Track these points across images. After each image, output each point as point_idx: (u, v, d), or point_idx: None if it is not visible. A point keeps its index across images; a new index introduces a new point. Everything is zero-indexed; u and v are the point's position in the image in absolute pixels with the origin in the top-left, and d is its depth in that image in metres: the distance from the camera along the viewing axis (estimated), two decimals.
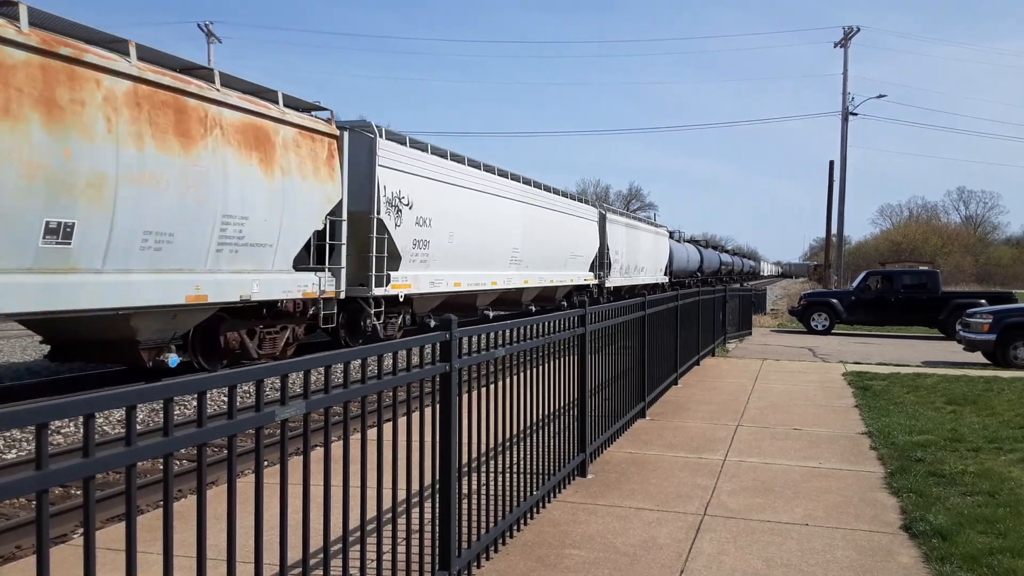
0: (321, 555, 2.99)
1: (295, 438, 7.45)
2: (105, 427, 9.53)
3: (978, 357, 16.14)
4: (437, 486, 3.82)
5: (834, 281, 39.00)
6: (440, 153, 18.21)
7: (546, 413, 5.28)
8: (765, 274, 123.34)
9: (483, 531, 4.29)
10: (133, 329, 10.79)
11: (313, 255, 14.24)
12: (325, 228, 14.12)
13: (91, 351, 11.34)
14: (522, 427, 4.86)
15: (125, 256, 9.96)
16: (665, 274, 41.34)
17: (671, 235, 48.07)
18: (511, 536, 4.76)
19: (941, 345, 20.26)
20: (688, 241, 57.90)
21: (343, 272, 14.56)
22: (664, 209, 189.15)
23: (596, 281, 29.49)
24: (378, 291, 15.45)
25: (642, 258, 36.46)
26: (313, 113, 14.33)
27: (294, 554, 2.86)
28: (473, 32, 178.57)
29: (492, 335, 4.42)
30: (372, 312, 15.51)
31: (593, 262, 29.27)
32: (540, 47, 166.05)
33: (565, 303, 27.22)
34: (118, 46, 10.09)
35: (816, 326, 23.83)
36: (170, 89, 10.57)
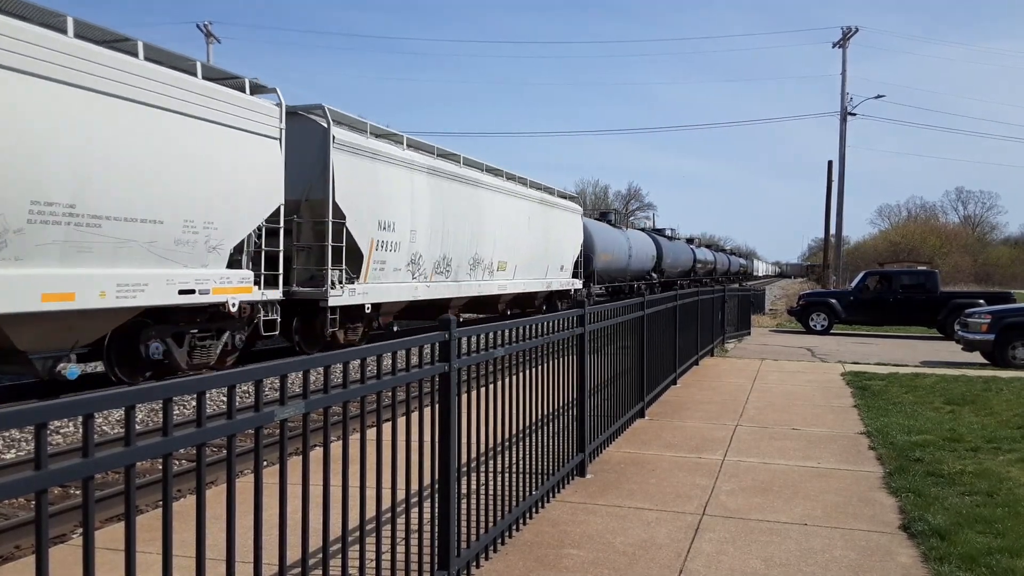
0: (320, 555, 2.99)
1: (294, 438, 7.45)
2: (104, 427, 9.53)
3: (976, 357, 16.15)
4: (436, 486, 3.82)
5: (833, 281, 39.00)
6: None
7: (545, 413, 5.29)
8: (760, 274, 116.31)
9: (482, 531, 4.29)
10: None
11: None
12: None
13: None
14: (521, 427, 4.86)
15: None
16: (576, 275, 27.17)
17: (606, 218, 35.96)
18: (510, 536, 4.76)
19: (940, 345, 20.27)
20: (640, 229, 43.04)
21: None
22: (664, 209, 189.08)
23: (276, 294, 12.77)
24: None
25: (505, 246, 20.43)
26: None
27: (293, 554, 2.87)
28: (472, 32, 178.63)
29: (492, 335, 4.42)
30: None
31: (242, 248, 12.24)
32: (540, 47, 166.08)
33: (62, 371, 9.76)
34: None
35: (815, 326, 23.84)
36: None
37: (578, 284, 27.37)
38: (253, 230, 12.40)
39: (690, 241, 57.74)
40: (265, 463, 5.12)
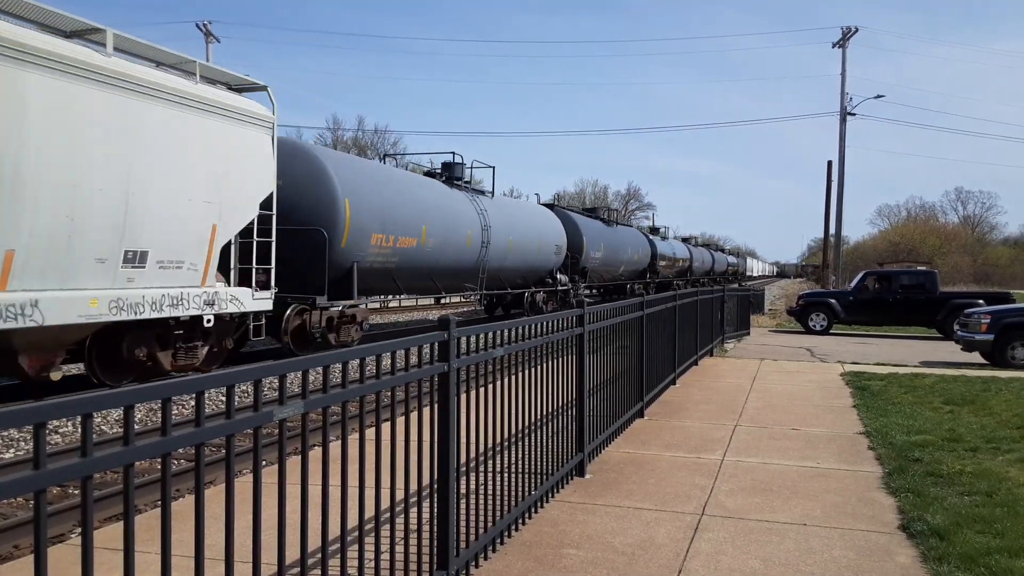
0: (320, 555, 2.99)
1: (293, 438, 7.45)
2: (103, 427, 9.52)
3: (976, 357, 16.15)
4: (436, 486, 3.82)
5: (832, 281, 39.01)
6: None
7: (544, 413, 5.28)
8: (755, 274, 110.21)
9: (481, 531, 4.29)
10: None
11: None
12: None
13: None
14: (520, 427, 4.86)
15: None
16: (263, 282, 12.66)
17: (450, 173, 20.28)
18: (509, 536, 4.76)
19: (939, 345, 20.28)
20: (547, 205, 27.70)
21: None
22: (664, 209, 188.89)
23: None
24: None
25: None
26: None
27: (292, 554, 2.86)
28: (473, 32, 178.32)
29: (491, 335, 4.42)
30: None
31: None
32: (540, 47, 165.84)
33: None
34: None
35: (814, 326, 23.85)
36: None
37: (250, 301, 12.21)
38: None
39: (655, 232, 44.79)
40: (264, 463, 5.12)
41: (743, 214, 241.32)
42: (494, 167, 23.06)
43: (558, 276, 25.45)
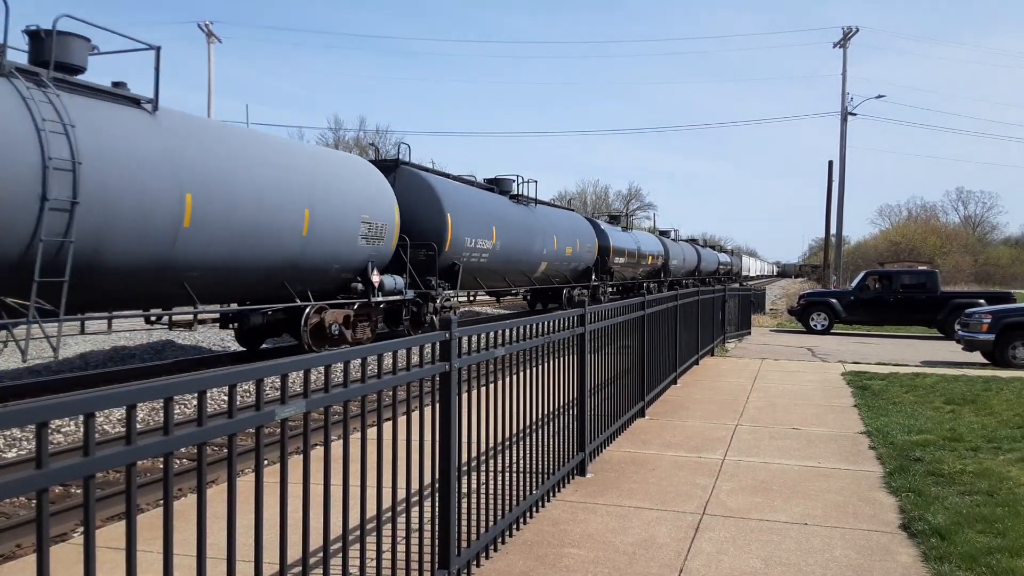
0: (321, 554, 3.00)
1: (295, 437, 7.46)
2: (105, 426, 9.53)
3: (977, 357, 16.15)
4: (437, 485, 3.83)
5: (833, 281, 39.01)
6: None
7: (545, 412, 5.29)
8: (753, 273, 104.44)
9: (483, 530, 4.29)
10: None
11: None
12: None
13: None
14: (521, 426, 4.87)
15: None
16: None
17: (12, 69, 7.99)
18: (510, 535, 4.76)
19: (940, 345, 20.27)
20: (378, 162, 16.79)
21: None
22: (664, 209, 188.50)
23: None
24: None
25: None
26: None
27: (294, 553, 2.87)
28: (472, 32, 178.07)
29: (492, 335, 4.43)
30: None
31: None
32: (539, 47, 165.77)
33: None
34: None
35: (815, 326, 23.84)
36: None
37: None
38: None
39: (614, 220, 36.34)
40: (266, 462, 5.12)
41: (744, 214, 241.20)
42: (158, 48, 11.03)
43: (377, 279, 14.89)
